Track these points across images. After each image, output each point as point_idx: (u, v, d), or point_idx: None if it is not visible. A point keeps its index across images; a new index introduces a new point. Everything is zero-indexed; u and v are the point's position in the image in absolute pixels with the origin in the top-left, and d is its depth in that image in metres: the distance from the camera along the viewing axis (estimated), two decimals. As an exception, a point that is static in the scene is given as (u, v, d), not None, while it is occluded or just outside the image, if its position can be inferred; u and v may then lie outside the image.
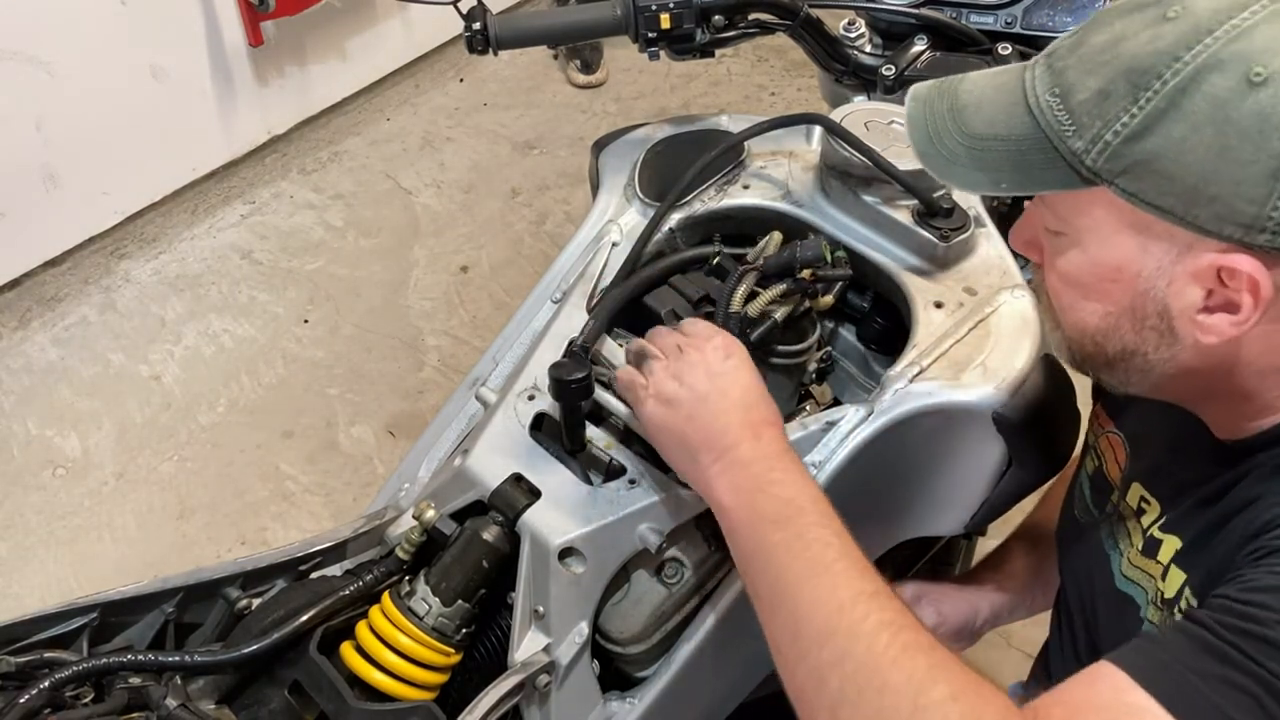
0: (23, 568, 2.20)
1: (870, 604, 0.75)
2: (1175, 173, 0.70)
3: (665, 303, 1.11)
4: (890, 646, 0.72)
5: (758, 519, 0.83)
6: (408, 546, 1.01)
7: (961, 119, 0.80)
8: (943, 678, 0.70)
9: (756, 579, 0.82)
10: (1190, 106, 0.69)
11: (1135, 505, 0.94)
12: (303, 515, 2.30)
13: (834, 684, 0.73)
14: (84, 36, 2.51)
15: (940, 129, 0.81)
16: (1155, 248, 0.74)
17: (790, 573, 0.79)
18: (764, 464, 0.85)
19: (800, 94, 3.46)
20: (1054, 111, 0.75)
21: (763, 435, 0.87)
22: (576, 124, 3.36)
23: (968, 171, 0.80)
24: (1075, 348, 0.84)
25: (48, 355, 2.62)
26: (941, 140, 0.81)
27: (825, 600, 0.76)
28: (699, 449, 0.88)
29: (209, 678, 0.95)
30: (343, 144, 3.26)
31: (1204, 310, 0.74)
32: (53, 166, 2.57)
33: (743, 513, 0.84)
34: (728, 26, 1.19)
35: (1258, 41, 0.68)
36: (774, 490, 0.83)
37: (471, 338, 2.69)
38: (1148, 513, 0.91)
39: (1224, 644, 0.66)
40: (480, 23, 1.15)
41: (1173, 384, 0.81)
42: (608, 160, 1.27)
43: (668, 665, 1.00)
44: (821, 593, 0.77)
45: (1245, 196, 0.69)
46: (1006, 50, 1.18)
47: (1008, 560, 1.26)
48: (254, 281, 2.84)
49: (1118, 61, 0.72)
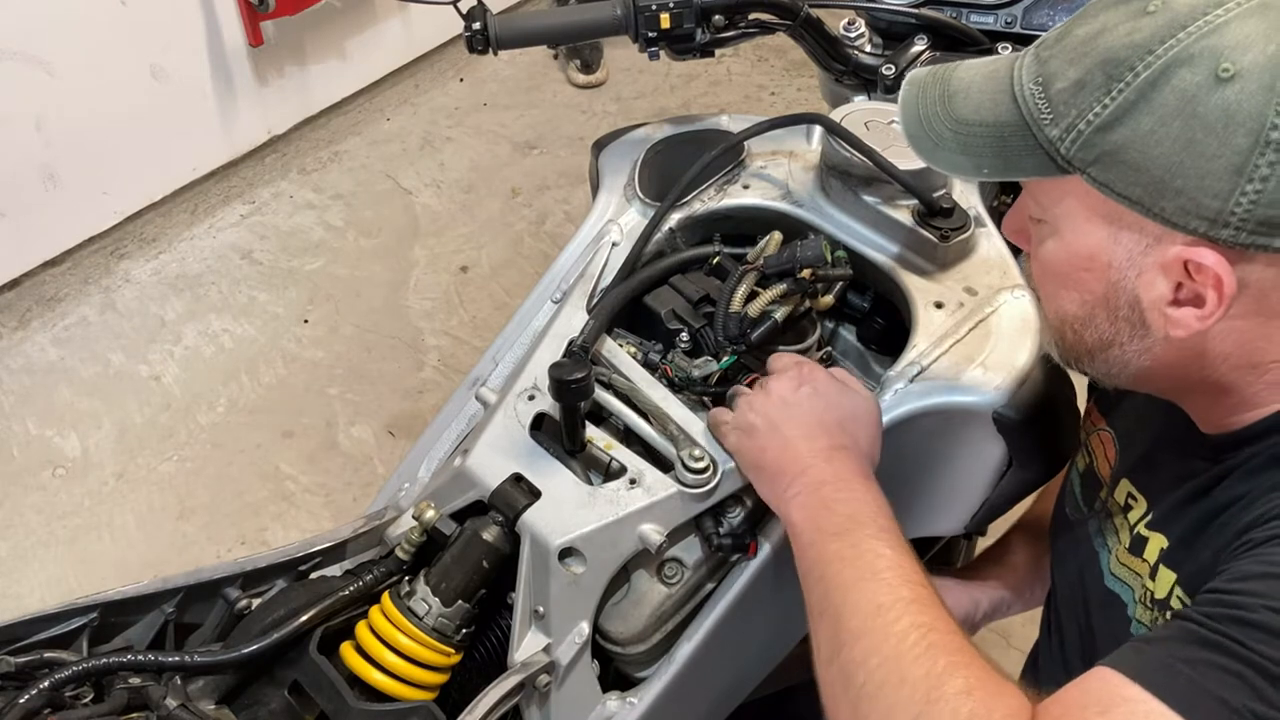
0: (23, 568, 2.20)
1: (907, 608, 0.77)
2: (1143, 164, 0.72)
3: (665, 303, 1.12)
4: (916, 645, 0.74)
5: (820, 534, 0.86)
6: (408, 546, 1.01)
7: (951, 104, 0.82)
8: (961, 674, 0.71)
9: (812, 587, 0.85)
10: (1159, 99, 0.70)
11: (1123, 502, 0.94)
12: (303, 515, 2.30)
13: (859, 679, 0.75)
14: (84, 36, 2.51)
15: (929, 113, 0.83)
16: (1125, 238, 0.76)
17: (840, 578, 0.82)
18: (832, 486, 0.89)
19: (800, 94, 3.46)
20: (1035, 99, 0.77)
21: (834, 459, 0.91)
22: (576, 124, 3.36)
23: (952, 155, 0.82)
24: (1058, 337, 0.86)
25: (48, 355, 2.62)
26: (930, 124, 0.83)
27: (866, 603, 0.79)
28: (775, 475, 0.93)
29: (209, 678, 0.95)
30: (343, 144, 3.26)
31: (1173, 303, 0.75)
32: (53, 166, 2.57)
33: (808, 530, 0.87)
34: (728, 26, 1.19)
35: (1228, 38, 0.69)
36: (838, 507, 0.87)
37: (471, 338, 2.69)
38: (1134, 509, 0.92)
39: (1212, 633, 0.67)
40: (480, 23, 1.15)
41: (1151, 376, 0.82)
42: (608, 160, 1.27)
43: (668, 665, 1.00)
44: (864, 596, 0.79)
45: (1209, 191, 0.70)
46: (1006, 50, 1.18)
47: (1008, 553, 1.27)
48: (254, 281, 2.84)
49: (1096, 53, 0.74)
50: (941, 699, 0.70)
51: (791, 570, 0.87)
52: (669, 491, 0.96)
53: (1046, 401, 1.01)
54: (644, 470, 0.98)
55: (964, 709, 0.69)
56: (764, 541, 0.99)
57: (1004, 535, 1.31)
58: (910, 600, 0.78)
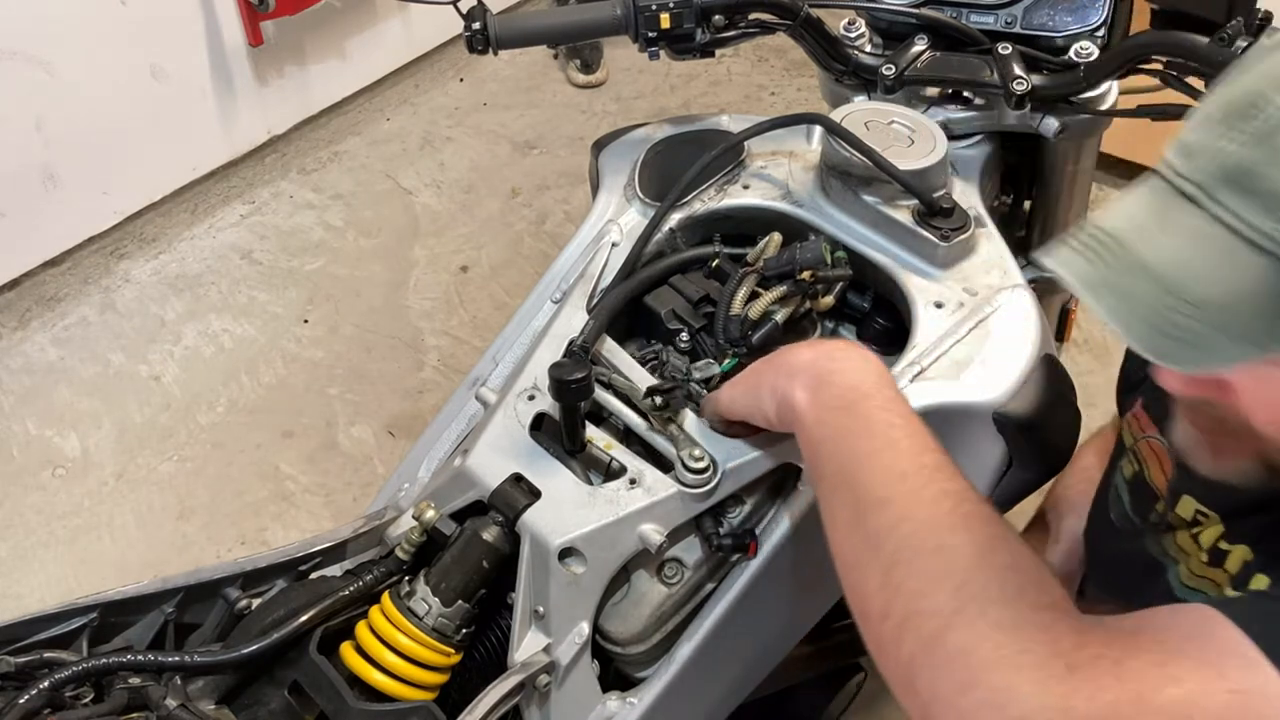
0: (23, 568, 2.20)
1: (933, 474, 0.74)
2: None
3: (665, 303, 1.12)
4: (952, 514, 0.71)
5: (824, 410, 0.82)
6: (408, 547, 1.01)
7: (1182, 291, 0.63)
8: (1003, 548, 0.68)
9: (823, 466, 0.81)
10: None
11: (1190, 518, 0.90)
12: (303, 515, 2.30)
13: (889, 547, 0.71)
14: (84, 36, 2.51)
15: (1157, 310, 0.64)
16: None
17: (854, 451, 0.78)
18: (825, 361, 0.85)
19: (800, 94, 3.46)
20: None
21: (830, 359, 0.86)
22: (576, 124, 3.36)
23: (1223, 346, 0.63)
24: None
25: (48, 355, 2.62)
26: (1174, 323, 0.64)
27: (886, 469, 0.75)
28: (764, 381, 0.88)
29: (209, 678, 0.95)
30: (343, 144, 3.26)
31: None
32: (53, 166, 2.57)
33: (813, 409, 0.83)
34: (728, 26, 1.19)
35: None
36: (836, 379, 0.83)
37: (471, 338, 2.69)
38: (1207, 526, 0.87)
39: None
40: (480, 22, 1.15)
41: None
42: (608, 160, 1.27)
43: (668, 665, 1.00)
44: (882, 463, 0.76)
45: None
46: (1006, 50, 1.18)
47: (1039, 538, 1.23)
48: (254, 281, 2.84)
49: None
50: (989, 568, 0.66)
51: (791, 570, 0.87)
52: (669, 491, 0.96)
53: (1046, 401, 1.01)
54: (644, 470, 0.98)
55: (1011, 583, 0.66)
56: (764, 541, 0.99)
57: (1031, 525, 1.28)
58: (934, 466, 0.74)
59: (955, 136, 1.23)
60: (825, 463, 0.80)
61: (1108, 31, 1.20)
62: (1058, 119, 1.20)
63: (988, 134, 1.26)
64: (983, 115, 1.25)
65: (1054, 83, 1.18)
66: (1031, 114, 1.21)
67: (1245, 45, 1.02)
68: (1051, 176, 1.39)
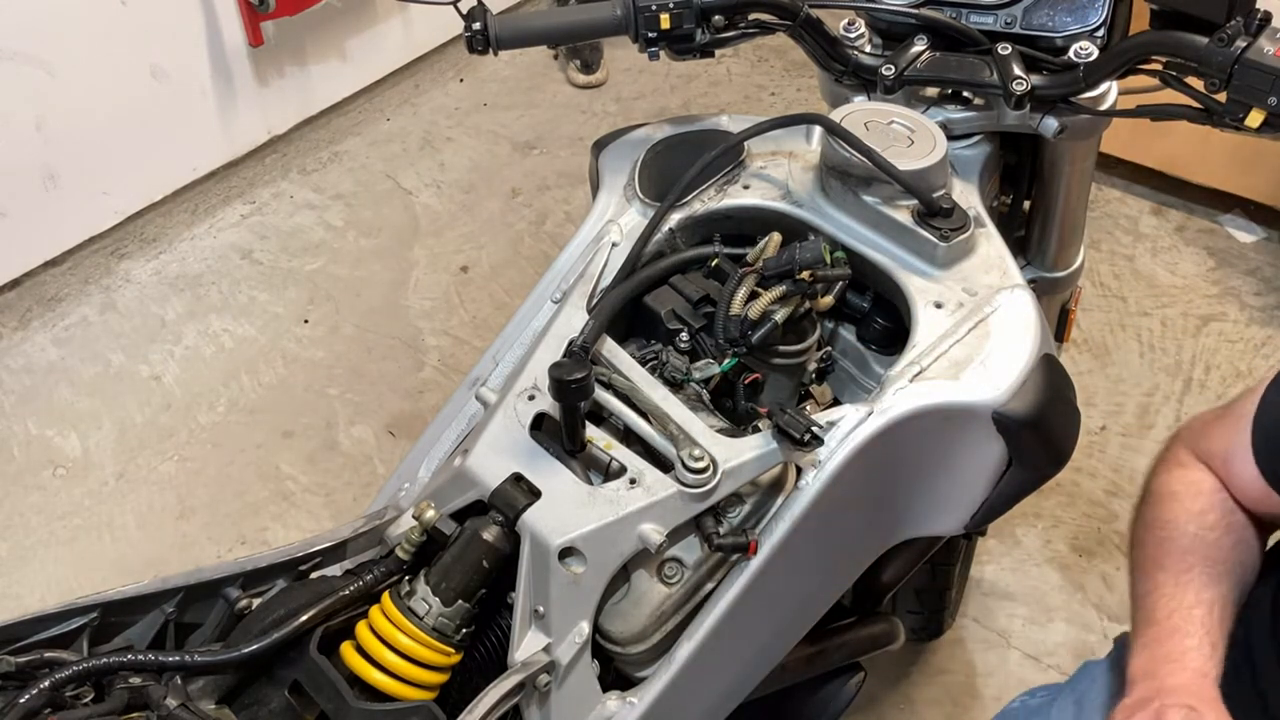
0: (23, 568, 2.20)
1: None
2: None
3: (665, 303, 1.12)
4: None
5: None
6: (408, 546, 1.01)
7: None
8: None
9: None
10: None
11: None
12: (303, 515, 2.31)
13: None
14: (84, 36, 2.51)
15: None
16: None
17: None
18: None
19: (800, 94, 3.46)
20: None
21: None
22: (576, 124, 3.36)
23: None
24: None
25: (48, 355, 2.62)
26: None
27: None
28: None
29: (209, 678, 0.95)
30: (343, 144, 3.26)
31: None
32: (53, 166, 2.57)
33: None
34: (728, 26, 1.19)
35: None
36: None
37: (471, 338, 2.69)
38: None
39: None
40: (480, 23, 1.15)
41: None
42: (608, 160, 1.27)
43: (668, 665, 1.00)
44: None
45: None
46: (1006, 50, 1.18)
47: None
48: (254, 281, 2.84)
49: None
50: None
51: (791, 570, 0.87)
52: (669, 491, 0.96)
53: (1046, 401, 1.01)
54: (644, 470, 0.98)
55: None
56: (764, 541, 0.99)
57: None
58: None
59: (955, 136, 1.23)
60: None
61: (1107, 32, 1.20)
62: (1057, 119, 1.20)
63: (987, 134, 1.27)
64: (982, 115, 1.25)
65: (1053, 83, 1.18)
66: (1031, 114, 1.21)
67: (1245, 45, 1.02)
68: (1051, 176, 1.39)
